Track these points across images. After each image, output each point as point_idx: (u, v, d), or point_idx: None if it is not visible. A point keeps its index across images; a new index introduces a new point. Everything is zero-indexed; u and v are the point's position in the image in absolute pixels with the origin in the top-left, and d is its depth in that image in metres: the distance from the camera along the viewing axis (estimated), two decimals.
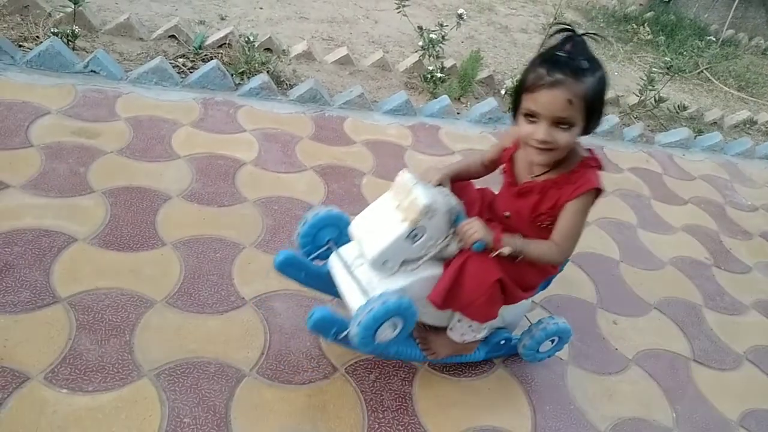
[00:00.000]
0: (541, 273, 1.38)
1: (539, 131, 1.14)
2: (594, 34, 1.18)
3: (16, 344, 1.32)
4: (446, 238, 1.24)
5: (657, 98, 3.52)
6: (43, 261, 1.54)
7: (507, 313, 1.45)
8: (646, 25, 5.19)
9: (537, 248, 1.26)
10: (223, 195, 1.98)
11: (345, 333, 1.25)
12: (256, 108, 2.53)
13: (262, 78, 2.63)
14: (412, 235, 1.20)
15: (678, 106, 3.67)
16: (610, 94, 3.67)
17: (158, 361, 1.37)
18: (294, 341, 1.51)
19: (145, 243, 1.69)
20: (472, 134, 2.86)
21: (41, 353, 1.32)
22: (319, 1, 4.09)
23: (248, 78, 2.71)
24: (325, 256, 1.42)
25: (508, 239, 1.23)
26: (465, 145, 2.74)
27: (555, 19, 3.62)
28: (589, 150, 1.28)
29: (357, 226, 1.30)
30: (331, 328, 1.27)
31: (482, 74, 3.42)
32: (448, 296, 1.24)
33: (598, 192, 1.23)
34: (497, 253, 1.21)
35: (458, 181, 1.40)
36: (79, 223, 1.70)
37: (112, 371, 1.32)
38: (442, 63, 3.29)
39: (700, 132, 3.56)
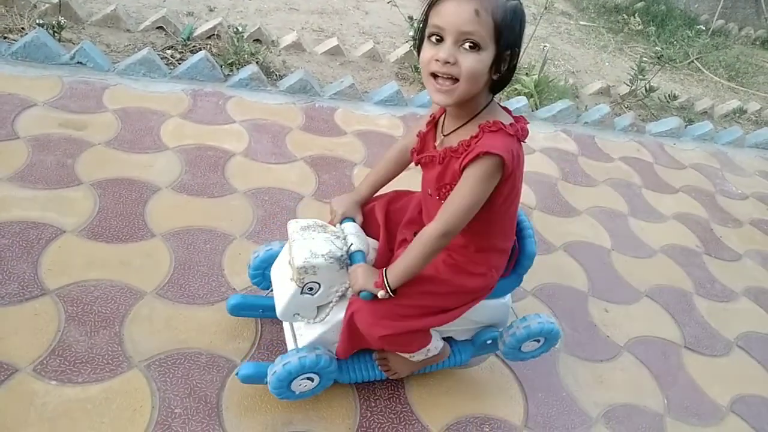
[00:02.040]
0: (470, 284, 1.20)
1: (442, 49, 0.99)
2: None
3: (4, 336, 1.31)
4: (346, 282, 1.19)
5: (648, 88, 3.53)
6: (30, 253, 1.52)
7: (489, 311, 1.36)
8: (636, 15, 5.20)
9: (414, 252, 1.10)
10: (212, 186, 1.96)
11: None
12: (245, 99, 2.51)
13: (251, 69, 2.61)
14: (307, 288, 1.16)
15: (669, 96, 3.69)
16: (600, 85, 3.68)
17: (148, 352, 1.36)
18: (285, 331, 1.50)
19: (135, 234, 1.68)
20: None
21: (30, 345, 1.30)
22: None
23: (237, 69, 2.69)
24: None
25: (389, 272, 1.12)
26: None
27: (546, 9, 3.61)
28: (515, 117, 1.11)
29: (273, 272, 1.29)
30: (262, 377, 1.27)
31: None
32: (352, 347, 1.22)
33: (500, 161, 1.02)
34: (380, 295, 1.12)
35: (373, 200, 1.33)
36: (67, 214, 1.68)
37: (101, 362, 1.31)
38: None
39: (690, 121, 3.57)
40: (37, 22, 2.53)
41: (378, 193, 1.37)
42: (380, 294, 1.12)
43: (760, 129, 3.72)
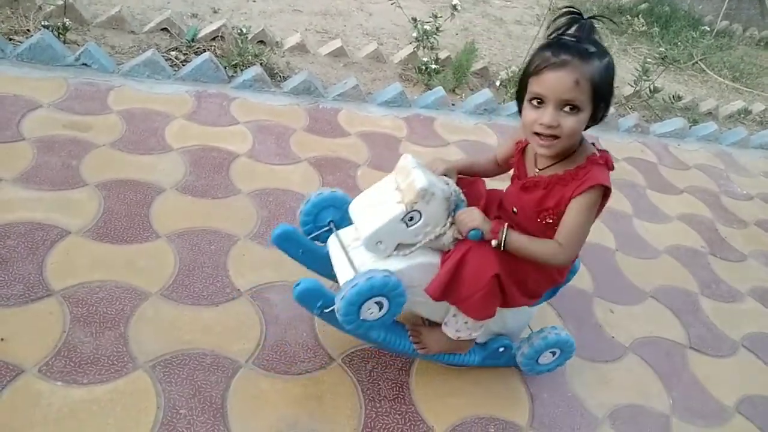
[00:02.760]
0: (546, 280, 1.32)
1: (545, 115, 1.11)
2: (601, 16, 1.17)
3: (10, 338, 1.31)
4: (444, 225, 1.21)
5: (652, 89, 3.52)
6: (36, 254, 1.53)
7: (508, 318, 1.41)
8: (640, 16, 5.19)
9: (537, 246, 1.21)
10: (217, 187, 1.96)
11: (330, 308, 1.22)
12: (249, 100, 2.51)
13: (255, 70, 2.61)
14: (408, 217, 1.17)
15: (673, 97, 3.68)
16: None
17: (153, 353, 1.36)
18: (290, 332, 1.50)
19: (139, 235, 1.68)
20: (466, 125, 2.85)
21: (35, 346, 1.30)
22: None
23: (241, 70, 2.69)
24: (326, 238, 1.41)
25: (509, 231, 1.20)
26: (460, 137, 2.73)
27: (550, 10, 3.61)
28: (601, 150, 1.24)
29: (356, 205, 1.29)
30: (317, 301, 1.24)
31: (477, 66, 3.41)
32: (446, 289, 1.23)
33: (605, 190, 1.17)
34: (492, 243, 1.19)
35: (466, 176, 1.39)
36: (72, 216, 1.68)
37: (107, 363, 1.31)
38: (436, 55, 3.28)
39: (694, 122, 3.56)
40: (42, 23, 2.54)
41: None
42: (493, 242, 1.18)
43: (764, 130, 3.71)
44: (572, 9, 1.14)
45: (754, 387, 1.78)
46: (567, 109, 1.10)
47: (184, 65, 2.63)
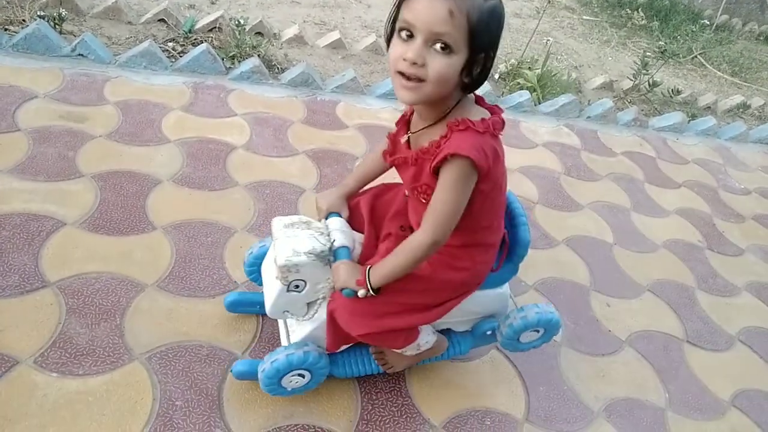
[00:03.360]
0: (455, 280, 1.17)
1: (410, 49, 0.93)
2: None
3: (5, 328, 1.31)
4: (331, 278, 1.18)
5: (651, 82, 3.51)
6: (31, 245, 1.52)
7: (485, 301, 1.33)
8: (640, 10, 5.17)
9: (401, 257, 1.06)
10: (214, 179, 1.95)
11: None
12: (247, 92, 2.50)
13: (253, 62, 2.60)
14: (293, 287, 1.15)
15: (672, 91, 3.67)
16: (603, 79, 3.66)
17: (149, 345, 1.36)
18: None
19: (136, 227, 1.67)
20: None
21: (30, 337, 1.30)
22: None
23: (239, 62, 2.68)
24: None
25: (373, 272, 1.09)
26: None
27: (549, 2, 3.59)
28: (490, 108, 1.06)
29: (263, 272, 1.29)
30: (254, 373, 1.27)
31: None
32: (339, 342, 1.21)
33: (470, 162, 0.97)
34: (360, 294, 1.09)
35: (358, 195, 1.30)
36: (68, 207, 1.67)
37: (102, 355, 1.30)
38: None
39: (693, 116, 3.56)
40: (38, 14, 2.52)
41: (367, 186, 1.34)
42: (360, 293, 1.09)
43: (763, 124, 3.71)
44: None
45: (749, 381, 1.79)
46: (438, 47, 0.92)
47: (181, 56, 2.61)
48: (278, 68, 2.79)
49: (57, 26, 2.51)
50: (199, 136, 2.14)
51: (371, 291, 1.09)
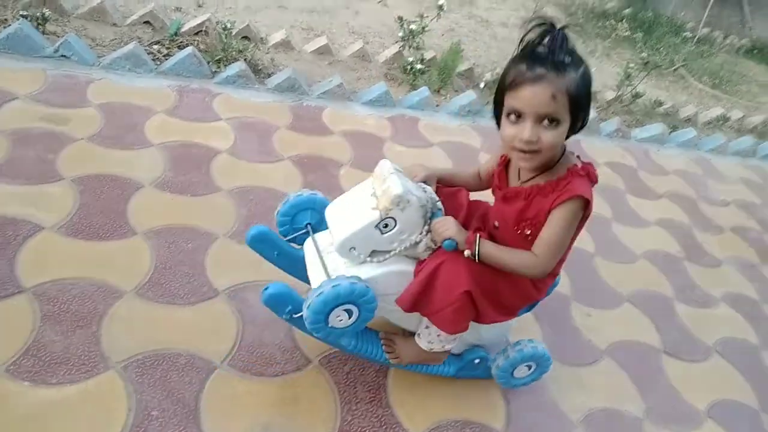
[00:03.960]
0: (522, 296, 1.30)
1: (524, 130, 1.08)
2: (574, 25, 1.16)
3: None
4: (419, 233, 1.20)
5: (634, 94, 3.56)
6: (7, 250, 1.49)
7: (483, 330, 1.38)
8: (624, 21, 5.25)
9: (512, 257, 1.19)
10: (196, 184, 1.94)
11: (299, 314, 1.20)
12: (232, 96, 2.49)
13: (239, 66, 2.59)
14: (383, 224, 1.16)
15: (654, 102, 3.72)
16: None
17: (126, 353, 1.34)
18: (267, 333, 1.49)
19: (115, 232, 1.65)
20: (451, 126, 2.86)
21: (3, 345, 1.27)
22: None
23: (225, 66, 2.66)
24: (303, 240, 1.39)
25: (483, 242, 1.19)
26: (444, 138, 2.73)
27: (534, 13, 3.63)
28: (585, 162, 1.21)
29: (332, 209, 1.27)
30: (286, 306, 1.23)
31: (462, 67, 3.42)
32: (417, 301, 1.22)
33: (585, 203, 1.14)
34: (465, 253, 1.18)
35: (447, 186, 1.38)
36: (46, 211, 1.65)
37: (77, 363, 1.28)
38: (422, 55, 3.27)
39: (674, 128, 3.61)
40: (21, 13, 2.49)
41: None
42: (466, 252, 1.17)
43: (742, 137, 3.78)
44: (543, 20, 1.10)
45: (724, 391, 1.81)
46: (546, 123, 1.08)
47: (166, 59, 2.59)
48: (264, 73, 2.78)
49: (40, 26, 2.47)
50: (182, 140, 2.13)
51: (476, 256, 1.17)
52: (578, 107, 1.09)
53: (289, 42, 3.13)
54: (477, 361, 1.44)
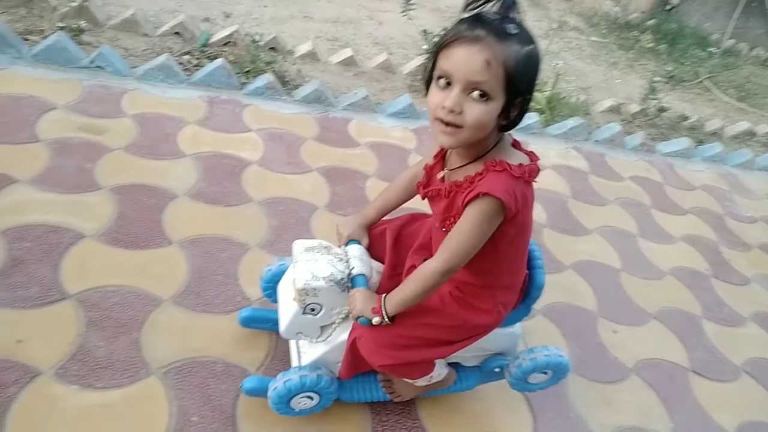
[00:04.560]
0: (481, 315, 1.17)
1: (449, 98, 0.96)
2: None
3: (26, 339, 1.33)
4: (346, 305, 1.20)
5: (659, 108, 3.55)
6: (51, 257, 1.55)
7: (497, 340, 1.33)
8: (647, 32, 5.23)
9: (415, 285, 1.09)
10: (228, 195, 1.98)
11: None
12: (261, 108, 2.54)
13: (267, 78, 2.64)
14: (309, 310, 1.16)
15: (679, 116, 3.70)
16: (611, 102, 3.69)
17: (166, 360, 1.38)
18: None
19: (152, 241, 1.70)
20: None
21: (51, 349, 1.32)
22: (323, 0, 4.09)
23: (253, 77, 2.72)
24: None
25: (389, 299, 1.11)
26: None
27: (558, 26, 3.64)
28: (528, 154, 1.09)
29: (279, 292, 1.31)
30: (264, 390, 1.28)
31: None
32: (355, 369, 1.22)
33: (500, 203, 1.00)
34: (375, 321, 1.12)
35: (378, 225, 1.32)
36: (86, 219, 1.70)
37: (120, 368, 1.33)
38: None
39: (700, 142, 3.59)
40: (58, 24, 2.57)
41: (391, 216, 1.36)
42: (375, 320, 1.11)
43: None
44: None
45: (753, 413, 1.80)
46: (475, 94, 0.95)
47: (196, 69, 2.65)
48: (292, 84, 2.83)
49: (76, 37, 2.55)
50: (214, 150, 2.18)
51: (387, 319, 1.11)
52: (515, 87, 0.96)
53: (315, 53, 3.18)
54: (497, 369, 1.43)
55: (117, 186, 1.86)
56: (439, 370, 1.30)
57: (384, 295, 1.13)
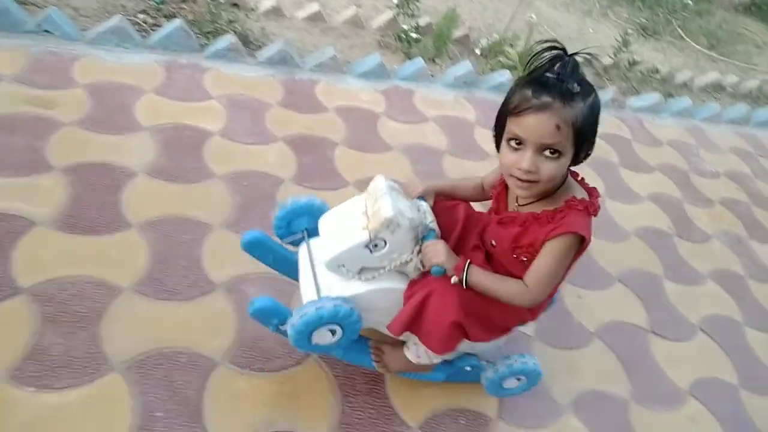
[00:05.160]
0: (514, 319, 1.30)
1: (524, 159, 1.05)
2: (588, 54, 1.08)
3: None
4: (410, 254, 1.19)
5: (631, 61, 3.51)
6: (0, 248, 1.49)
7: (484, 345, 1.37)
8: None
9: (501, 286, 1.18)
10: (190, 170, 1.92)
11: (285, 327, 1.23)
12: (222, 71, 2.42)
13: (229, 39, 2.51)
14: (372, 245, 1.15)
15: (650, 70, 3.68)
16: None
17: (127, 353, 1.36)
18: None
19: (110, 225, 1.65)
20: (446, 99, 2.82)
21: (4, 350, 1.28)
22: None
23: (214, 38, 2.58)
24: (299, 243, 1.40)
25: (473, 269, 1.17)
26: (439, 112, 2.70)
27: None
28: (588, 190, 1.18)
29: (324, 221, 1.27)
30: (272, 318, 1.26)
31: (458, 33, 3.34)
32: (408, 328, 1.23)
33: (581, 239, 1.11)
34: (452, 280, 1.16)
35: (446, 199, 1.35)
36: (38, 204, 1.63)
37: (80, 366, 1.30)
38: (416, 22, 3.18)
39: (670, 95, 3.59)
40: None
41: None
42: (454, 279, 1.16)
43: (736, 104, 3.76)
44: (555, 44, 1.05)
45: (707, 369, 1.89)
46: (547, 153, 1.04)
47: (153, 30, 2.50)
48: (255, 44, 2.71)
49: None
50: (173, 122, 2.09)
51: (463, 284, 1.16)
52: (583, 139, 1.05)
53: (280, 9, 3.03)
54: (468, 368, 1.46)
55: (70, 166, 1.78)
56: (440, 358, 1.36)
57: (469, 261, 1.17)
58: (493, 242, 1.25)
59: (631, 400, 1.70)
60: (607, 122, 3.07)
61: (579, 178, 1.20)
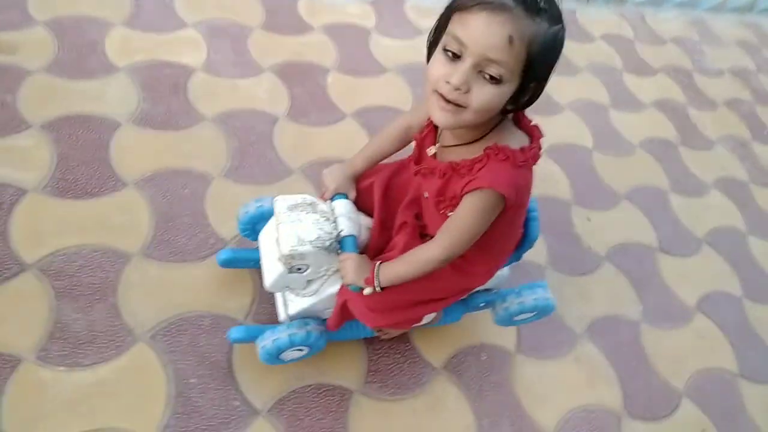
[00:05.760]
0: (454, 288, 1.17)
1: (456, 72, 0.83)
2: None
3: None
4: (336, 263, 1.15)
5: None
6: None
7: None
8: None
9: (411, 267, 1.05)
10: (177, 114, 1.79)
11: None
12: None
13: None
14: (295, 269, 1.11)
15: None
16: None
17: (149, 322, 1.34)
18: None
19: (104, 185, 1.55)
20: (440, 6, 2.60)
21: (25, 331, 1.25)
22: None
23: None
24: None
25: (383, 269, 1.07)
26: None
27: None
28: (531, 126, 0.99)
29: (261, 241, 1.22)
30: (251, 339, 1.27)
31: None
32: (343, 322, 1.22)
33: (501, 197, 0.92)
34: (366, 292, 1.09)
35: (367, 177, 1.22)
36: (23, 168, 1.52)
37: (105, 340, 1.28)
38: None
39: None
40: None
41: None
42: (366, 291, 1.08)
43: None
44: None
45: (713, 283, 1.94)
46: (487, 75, 0.83)
47: None
48: None
49: None
50: (150, 59, 1.91)
51: (378, 289, 1.08)
52: (533, 71, 0.84)
53: None
54: (482, 304, 1.44)
55: (49, 121, 1.64)
56: (428, 316, 1.31)
57: (378, 263, 1.08)
58: (426, 194, 1.09)
59: (642, 321, 1.75)
60: (607, 21, 2.91)
61: (523, 121, 1.01)
